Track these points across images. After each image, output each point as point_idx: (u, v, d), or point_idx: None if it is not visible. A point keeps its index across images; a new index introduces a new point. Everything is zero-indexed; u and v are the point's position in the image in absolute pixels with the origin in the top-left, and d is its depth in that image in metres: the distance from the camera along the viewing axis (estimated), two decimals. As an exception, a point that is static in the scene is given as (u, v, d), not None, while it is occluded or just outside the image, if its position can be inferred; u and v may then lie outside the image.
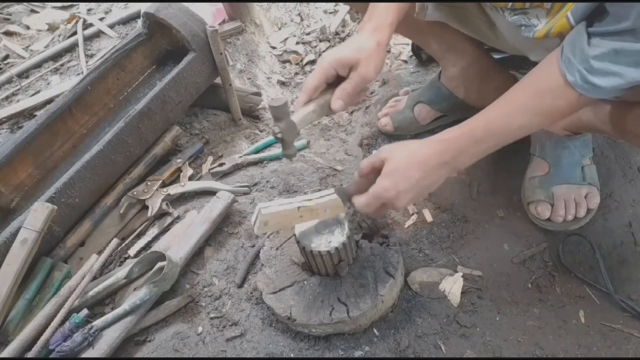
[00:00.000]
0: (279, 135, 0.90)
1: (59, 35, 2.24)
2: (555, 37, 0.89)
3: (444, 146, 0.90)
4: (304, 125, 0.94)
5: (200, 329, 1.11)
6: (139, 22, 1.71)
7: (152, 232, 1.34)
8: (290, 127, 0.91)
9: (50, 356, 1.05)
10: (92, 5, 2.42)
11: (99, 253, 1.23)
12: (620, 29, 0.74)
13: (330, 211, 0.98)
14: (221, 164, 1.47)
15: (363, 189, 0.94)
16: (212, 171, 1.47)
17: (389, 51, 1.89)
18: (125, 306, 1.09)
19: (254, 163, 1.51)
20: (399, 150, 0.92)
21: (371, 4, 0.97)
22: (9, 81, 2.03)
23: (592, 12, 0.81)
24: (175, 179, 1.46)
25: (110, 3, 2.41)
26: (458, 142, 0.90)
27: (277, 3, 2.20)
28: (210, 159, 1.53)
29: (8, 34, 2.34)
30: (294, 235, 1.01)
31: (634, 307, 1.10)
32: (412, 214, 1.29)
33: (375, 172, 0.93)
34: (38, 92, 1.94)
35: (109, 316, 1.08)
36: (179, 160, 1.47)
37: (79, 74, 1.98)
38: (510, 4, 0.94)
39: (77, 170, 1.26)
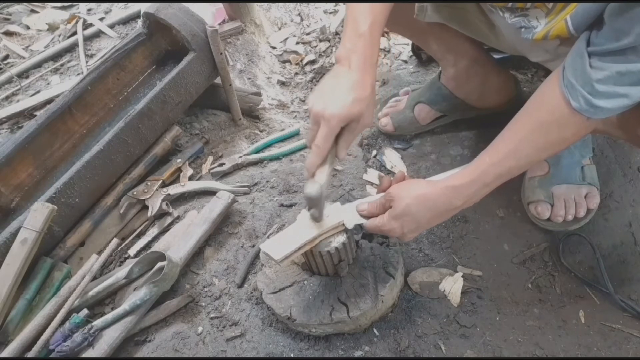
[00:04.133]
0: (316, 215, 0.94)
1: (59, 35, 2.24)
2: (554, 39, 0.89)
3: (455, 193, 0.90)
4: (326, 187, 0.95)
5: (200, 329, 1.11)
6: (139, 22, 1.71)
7: (152, 232, 1.34)
8: (322, 204, 0.93)
9: (50, 356, 1.05)
10: (92, 5, 2.42)
11: (99, 253, 1.23)
12: (621, 47, 0.72)
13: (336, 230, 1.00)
14: (221, 164, 1.47)
15: (375, 212, 0.97)
16: (212, 171, 1.47)
17: (388, 51, 1.89)
18: (125, 306, 1.09)
19: (254, 163, 1.51)
20: (408, 193, 0.92)
21: (351, 28, 0.91)
22: (9, 81, 2.02)
23: (592, 23, 0.79)
24: (175, 179, 1.46)
25: (110, 3, 2.41)
26: (469, 188, 0.90)
27: (277, 3, 2.20)
28: (210, 159, 1.53)
29: (8, 34, 2.33)
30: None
31: (634, 307, 1.10)
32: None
33: (385, 205, 0.95)
34: (38, 92, 1.94)
35: (109, 316, 1.08)
36: (179, 160, 1.47)
37: (79, 74, 1.98)
38: (510, 4, 0.94)
39: (77, 170, 1.26)
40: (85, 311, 1.12)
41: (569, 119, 0.82)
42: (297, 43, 2.08)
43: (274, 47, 2.07)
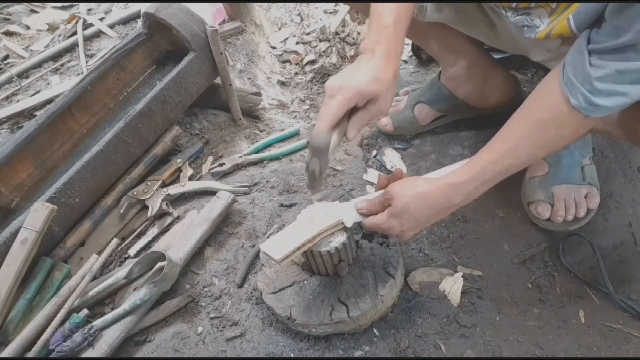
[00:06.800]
0: (317, 171, 0.90)
1: (59, 35, 2.24)
2: (556, 38, 0.89)
3: (454, 191, 0.90)
4: (331, 158, 0.91)
5: (200, 329, 1.11)
6: (139, 22, 1.71)
7: (152, 232, 1.34)
8: (326, 163, 0.90)
9: (50, 356, 1.05)
10: (92, 5, 2.42)
11: (99, 253, 1.23)
12: (621, 44, 0.72)
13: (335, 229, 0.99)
14: (221, 164, 1.47)
15: (374, 210, 0.96)
16: (212, 171, 1.47)
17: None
18: (125, 306, 1.09)
19: (254, 163, 1.51)
20: (407, 191, 0.92)
21: (376, 21, 0.92)
22: (9, 81, 2.02)
23: (593, 21, 0.79)
24: (175, 179, 1.46)
25: (110, 3, 2.41)
26: (468, 186, 0.90)
27: (277, 3, 2.20)
28: (210, 159, 1.53)
29: (8, 34, 2.33)
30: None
31: (634, 307, 1.10)
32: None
33: (384, 203, 0.95)
34: (38, 92, 1.94)
35: (109, 316, 1.08)
36: (179, 160, 1.47)
37: (79, 74, 1.98)
38: (514, 3, 0.94)
39: (77, 170, 1.26)
40: (85, 311, 1.12)
41: (568, 116, 0.82)
42: (297, 43, 2.08)
43: (274, 47, 2.07)
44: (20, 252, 1.14)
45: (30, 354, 1.05)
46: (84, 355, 1.05)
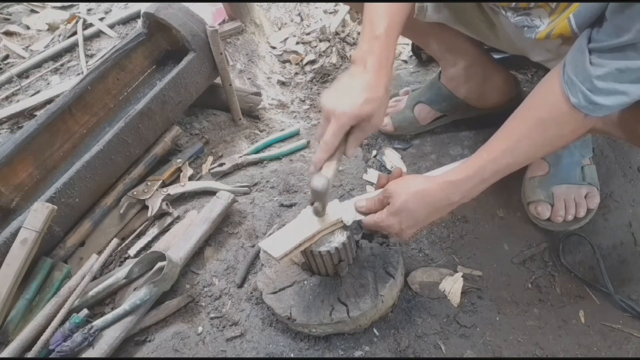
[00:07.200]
0: (319, 210, 0.93)
1: (59, 35, 2.24)
2: (556, 38, 0.89)
3: (453, 188, 0.90)
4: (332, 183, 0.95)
5: (200, 329, 1.11)
6: (139, 22, 1.71)
7: (152, 232, 1.34)
8: (327, 199, 0.93)
9: (50, 356, 1.05)
10: (92, 5, 2.42)
11: (99, 253, 1.23)
12: (622, 44, 0.72)
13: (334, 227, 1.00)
14: (221, 164, 1.47)
15: (373, 209, 0.97)
16: (212, 171, 1.47)
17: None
18: (125, 306, 1.09)
19: (254, 163, 1.51)
20: (406, 189, 0.92)
21: (368, 30, 0.92)
22: (9, 81, 2.02)
23: (594, 21, 0.79)
24: (175, 179, 1.46)
25: (110, 3, 2.41)
26: (467, 184, 0.90)
27: (277, 3, 2.20)
28: (210, 159, 1.53)
29: (8, 34, 2.33)
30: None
31: (634, 307, 1.10)
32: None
33: (383, 201, 0.95)
34: (38, 92, 1.94)
35: (109, 316, 1.08)
36: (179, 160, 1.47)
37: (79, 74, 1.98)
38: (514, 4, 0.94)
39: (77, 170, 1.26)
40: (85, 311, 1.12)
41: (568, 115, 0.82)
42: (297, 43, 2.08)
43: (274, 47, 2.08)
44: (20, 252, 1.14)
45: (30, 354, 1.05)
46: (84, 355, 1.05)
